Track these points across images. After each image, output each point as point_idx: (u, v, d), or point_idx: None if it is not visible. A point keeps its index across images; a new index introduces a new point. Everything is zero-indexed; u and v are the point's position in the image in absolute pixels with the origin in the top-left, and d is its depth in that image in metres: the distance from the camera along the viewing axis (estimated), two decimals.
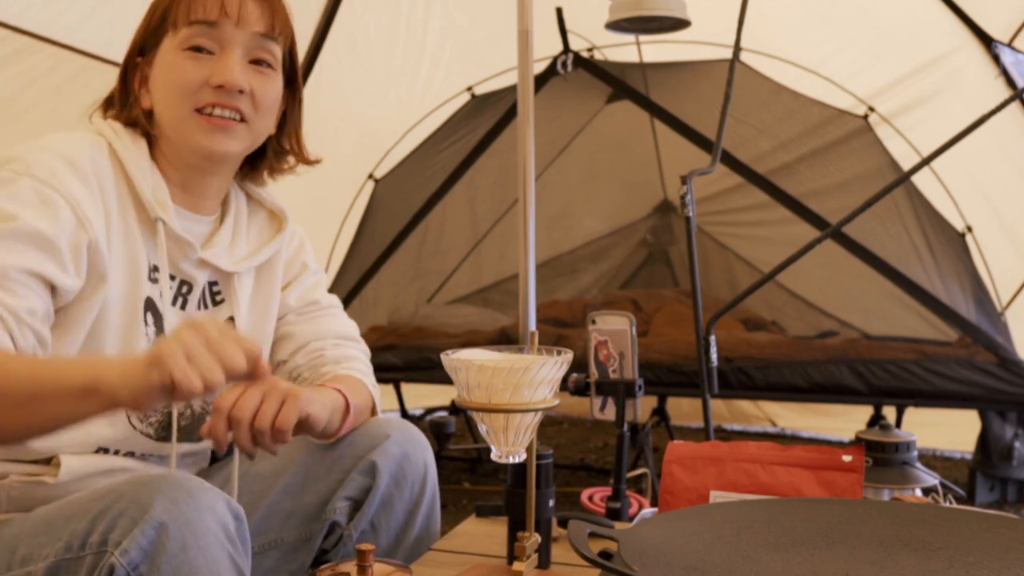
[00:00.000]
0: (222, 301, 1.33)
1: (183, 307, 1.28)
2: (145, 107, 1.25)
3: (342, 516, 1.34)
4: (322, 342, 1.43)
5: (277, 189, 1.44)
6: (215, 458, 1.43)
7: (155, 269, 1.23)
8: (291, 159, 1.38)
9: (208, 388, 0.95)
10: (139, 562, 0.96)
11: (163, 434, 1.26)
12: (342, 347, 1.44)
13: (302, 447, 1.38)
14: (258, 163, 1.38)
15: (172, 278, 1.26)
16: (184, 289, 1.28)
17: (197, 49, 1.21)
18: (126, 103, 1.26)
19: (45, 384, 0.98)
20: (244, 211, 1.37)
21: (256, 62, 1.25)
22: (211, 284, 1.32)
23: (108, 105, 1.29)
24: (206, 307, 1.32)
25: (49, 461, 1.18)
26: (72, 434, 1.15)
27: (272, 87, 1.27)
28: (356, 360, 1.44)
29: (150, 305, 1.22)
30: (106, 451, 1.22)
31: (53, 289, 1.11)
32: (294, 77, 1.33)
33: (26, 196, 1.09)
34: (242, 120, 1.24)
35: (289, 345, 1.42)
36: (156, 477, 1.02)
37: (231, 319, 1.33)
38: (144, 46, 1.25)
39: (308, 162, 1.40)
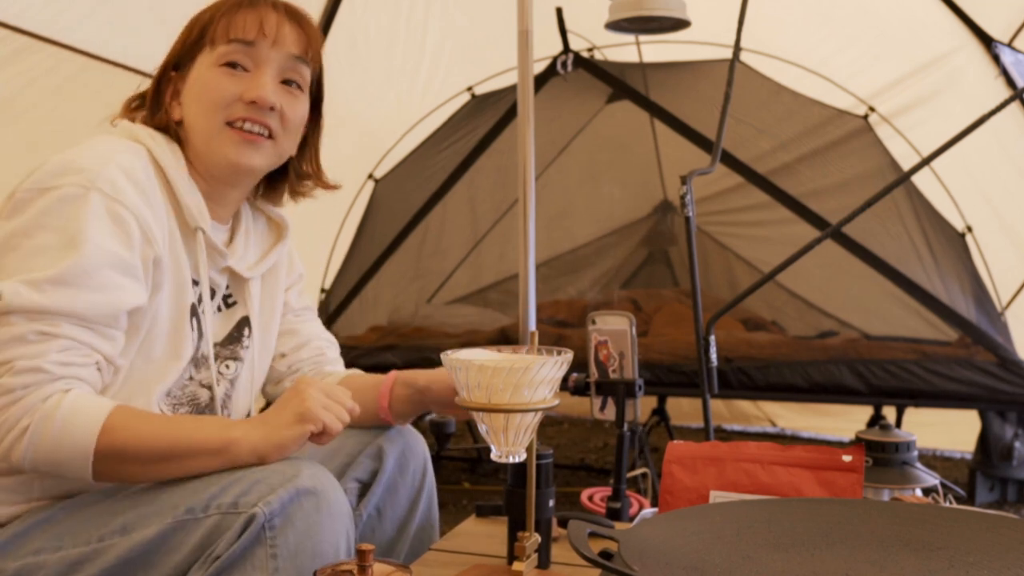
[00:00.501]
0: (234, 303, 1.37)
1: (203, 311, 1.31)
2: (176, 118, 1.27)
3: (352, 497, 1.39)
4: (319, 341, 1.51)
5: None
6: None
7: (193, 275, 1.27)
8: (310, 182, 1.43)
9: (343, 427, 1.15)
10: (277, 514, 1.05)
11: None
12: (332, 348, 1.54)
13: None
14: (278, 184, 1.42)
15: (196, 283, 1.29)
16: (210, 294, 1.31)
17: (232, 65, 1.25)
18: (156, 112, 1.28)
19: (181, 446, 1.10)
20: (250, 218, 1.41)
21: (287, 82, 1.29)
22: (225, 287, 1.36)
23: (135, 107, 1.31)
24: (220, 310, 1.35)
25: None
26: None
27: (300, 108, 1.31)
28: (341, 364, 1.55)
29: (194, 311, 1.25)
30: None
31: (135, 310, 1.16)
32: (319, 102, 1.39)
33: (101, 216, 1.11)
34: (270, 136, 1.27)
35: (292, 340, 1.48)
36: (296, 458, 1.13)
37: (246, 319, 1.37)
38: (180, 61, 1.28)
39: (327, 186, 1.45)
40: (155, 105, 1.28)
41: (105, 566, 1.08)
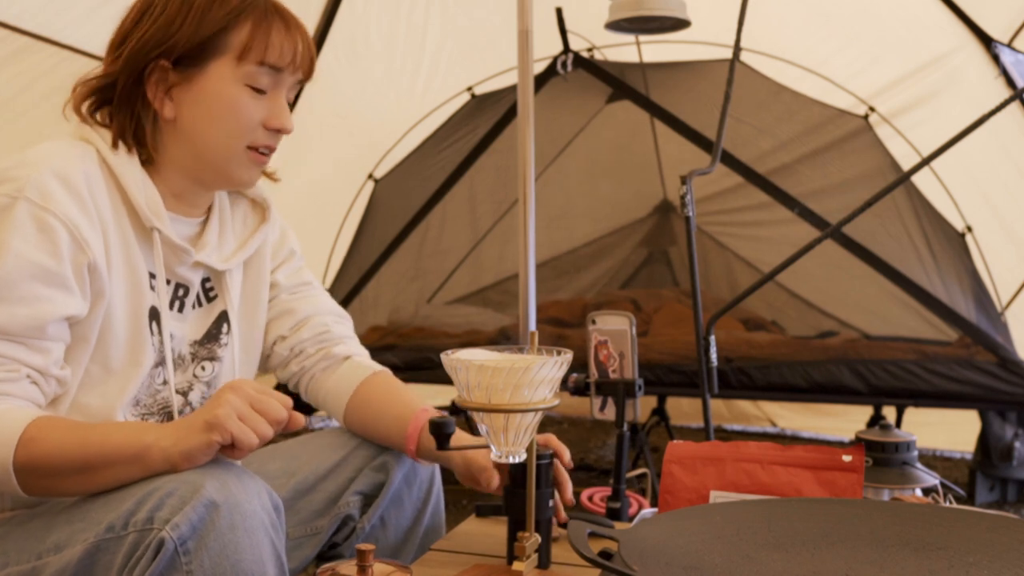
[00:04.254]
0: (215, 297, 1.33)
1: (180, 310, 1.28)
2: (166, 116, 1.21)
3: (355, 510, 1.39)
4: (323, 317, 1.45)
5: (279, 188, 1.44)
6: None
7: (153, 277, 1.23)
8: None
9: (261, 441, 1.05)
10: (188, 537, 0.99)
11: None
12: (341, 324, 1.47)
13: (315, 444, 1.43)
14: None
15: (168, 282, 1.26)
16: (180, 292, 1.28)
17: (257, 88, 1.22)
18: (131, 101, 1.20)
19: (95, 455, 1.05)
20: (227, 205, 1.36)
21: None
22: (204, 281, 1.32)
23: (99, 101, 1.22)
24: (200, 305, 1.32)
25: None
26: None
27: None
28: (354, 340, 1.49)
29: (154, 314, 1.22)
30: None
31: (69, 319, 1.12)
32: None
33: (25, 225, 1.08)
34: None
35: (289, 320, 1.43)
36: (205, 464, 1.06)
37: (224, 313, 1.33)
38: (179, 53, 1.18)
39: (271, 177, 1.40)
40: (131, 93, 1.19)
41: None
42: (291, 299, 1.43)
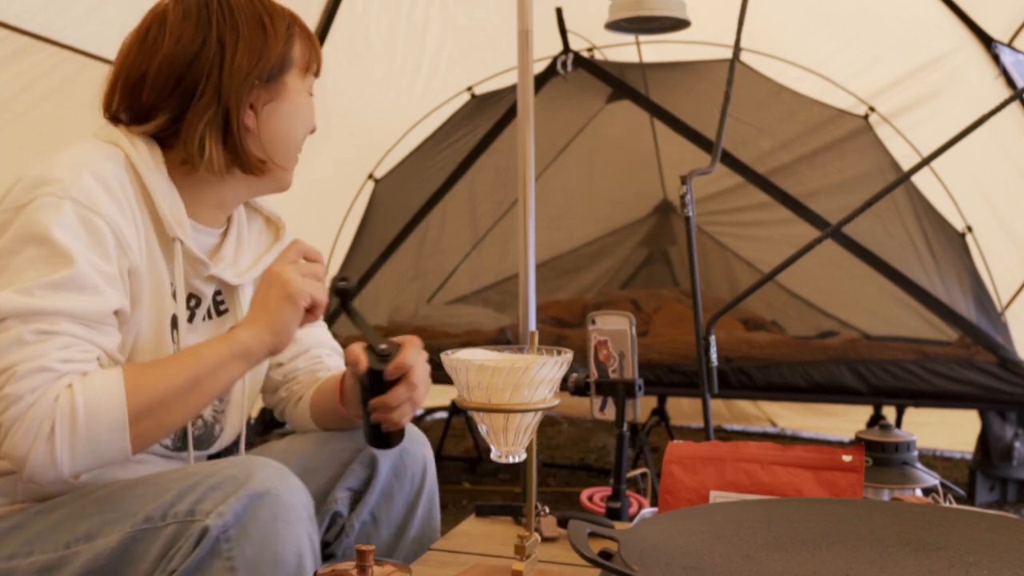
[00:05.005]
0: (226, 311, 1.34)
1: (191, 320, 1.28)
2: (249, 126, 1.25)
3: (343, 507, 1.37)
4: (320, 350, 1.48)
5: None
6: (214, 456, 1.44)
7: (172, 285, 1.24)
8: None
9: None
10: (231, 525, 1.03)
11: (178, 444, 1.28)
12: (333, 357, 1.50)
13: (301, 441, 1.41)
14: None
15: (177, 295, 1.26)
16: (192, 303, 1.29)
17: (311, 94, 1.34)
18: (230, 126, 1.23)
19: (199, 369, 1.11)
20: (244, 220, 1.38)
21: None
22: (216, 294, 1.33)
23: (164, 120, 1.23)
24: (211, 318, 1.32)
25: None
26: None
27: None
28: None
29: (174, 322, 1.23)
30: None
31: (117, 313, 1.14)
32: None
33: (75, 226, 1.09)
34: None
35: (292, 348, 1.44)
36: (249, 457, 1.11)
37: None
38: (268, 72, 1.25)
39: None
40: (232, 116, 1.23)
41: (72, 574, 1.07)
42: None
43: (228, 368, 1.13)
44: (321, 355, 1.47)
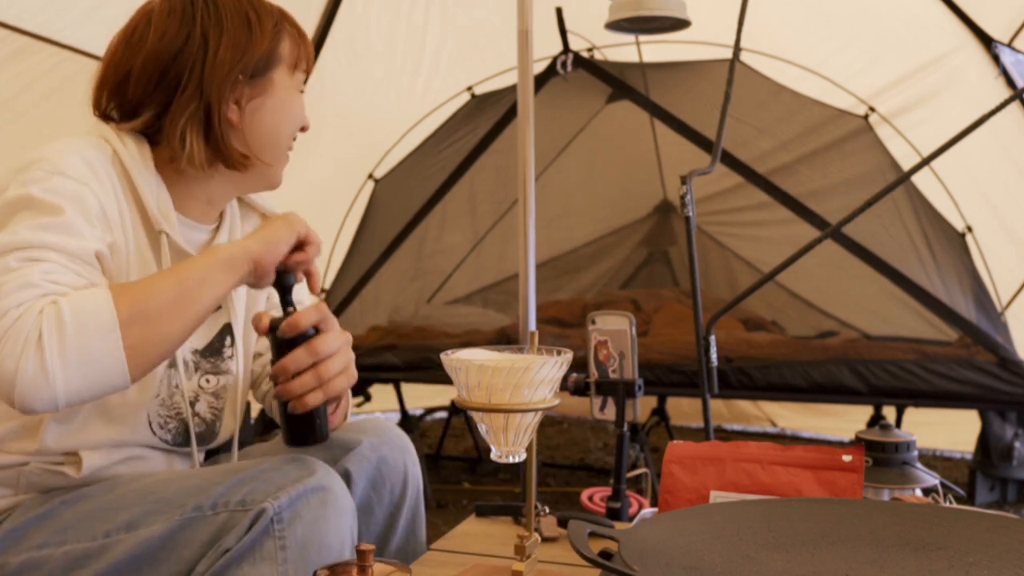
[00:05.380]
0: (219, 308, 1.33)
1: None
2: (232, 121, 1.25)
3: None
4: None
5: (279, 188, 1.44)
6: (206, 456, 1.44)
7: None
8: None
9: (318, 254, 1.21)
10: (285, 508, 1.08)
11: (180, 440, 1.28)
12: None
13: (276, 453, 1.38)
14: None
15: None
16: None
17: (300, 91, 1.34)
18: (212, 120, 1.24)
19: (183, 277, 1.10)
20: (238, 217, 1.38)
21: None
22: None
23: (151, 115, 1.24)
24: None
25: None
26: (94, 439, 1.19)
27: None
28: None
29: None
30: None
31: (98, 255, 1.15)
32: None
33: (63, 190, 1.12)
34: None
35: None
36: (306, 457, 1.16)
37: (228, 326, 1.33)
38: (252, 68, 1.26)
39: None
40: (215, 112, 1.23)
41: (112, 561, 1.09)
42: None
43: (214, 277, 1.12)
44: None
